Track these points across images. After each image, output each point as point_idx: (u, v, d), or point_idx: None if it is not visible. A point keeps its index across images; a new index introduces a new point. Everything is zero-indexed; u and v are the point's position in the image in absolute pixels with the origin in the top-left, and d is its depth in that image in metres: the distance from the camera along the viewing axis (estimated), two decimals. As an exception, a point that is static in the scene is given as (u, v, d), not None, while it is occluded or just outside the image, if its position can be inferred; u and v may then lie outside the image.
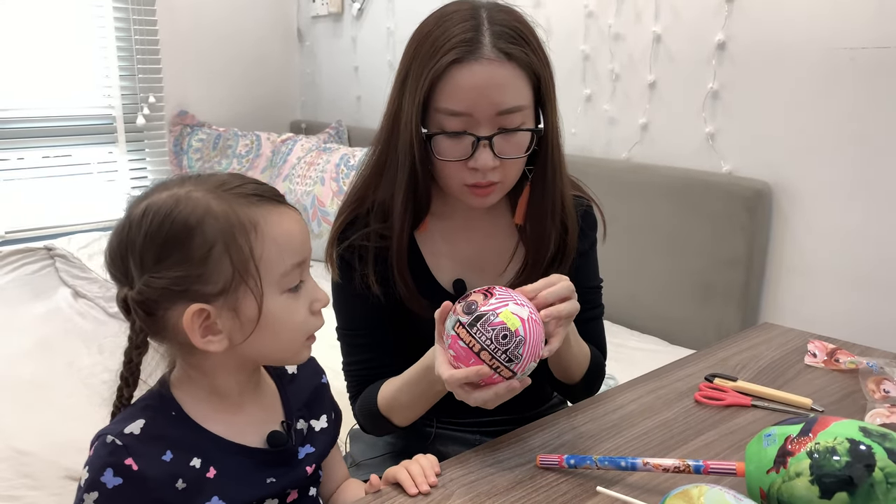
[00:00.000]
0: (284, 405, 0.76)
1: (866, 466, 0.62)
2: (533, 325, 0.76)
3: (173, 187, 0.66)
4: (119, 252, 0.65)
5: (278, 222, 0.67)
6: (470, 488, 0.76)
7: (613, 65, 1.99)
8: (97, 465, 0.63)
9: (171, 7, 2.87)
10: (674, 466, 0.74)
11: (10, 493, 1.22)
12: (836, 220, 1.62)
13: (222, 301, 0.64)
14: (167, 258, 0.63)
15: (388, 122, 0.92)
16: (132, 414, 0.67)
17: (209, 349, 0.65)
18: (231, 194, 0.66)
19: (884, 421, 0.87)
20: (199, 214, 0.64)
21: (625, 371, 1.46)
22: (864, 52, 1.52)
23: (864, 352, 1.13)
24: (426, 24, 0.88)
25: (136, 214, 0.65)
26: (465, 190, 0.90)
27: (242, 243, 0.64)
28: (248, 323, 0.65)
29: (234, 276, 0.64)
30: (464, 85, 0.83)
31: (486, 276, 0.98)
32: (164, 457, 0.65)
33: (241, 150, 2.90)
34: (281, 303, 0.67)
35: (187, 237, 0.63)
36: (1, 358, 1.73)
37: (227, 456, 0.68)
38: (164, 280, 0.63)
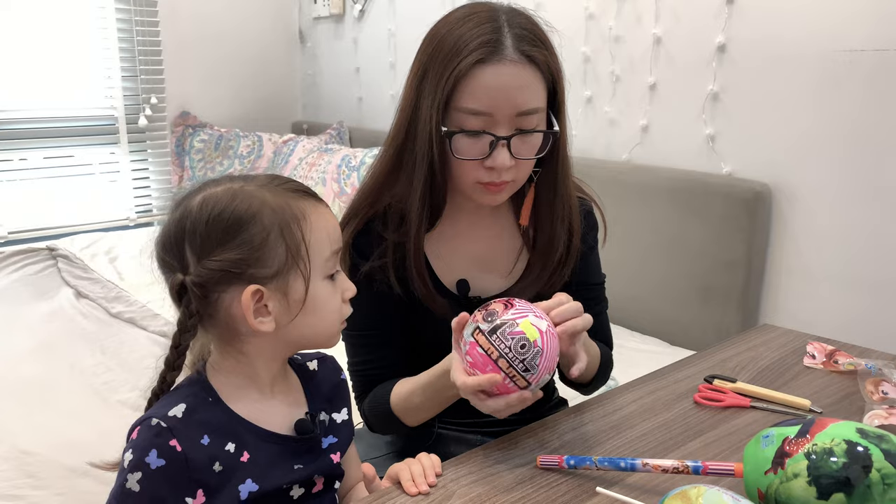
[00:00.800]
0: (308, 398, 0.79)
1: (863, 468, 0.63)
2: (550, 338, 0.78)
3: (225, 183, 0.72)
4: (175, 240, 0.70)
5: (321, 214, 0.73)
6: (470, 488, 0.76)
7: (614, 67, 2.00)
8: (142, 446, 0.66)
9: (173, 8, 2.88)
10: (673, 467, 0.75)
11: (13, 492, 1.23)
12: (835, 222, 1.62)
13: (275, 284, 0.69)
14: (228, 242, 0.68)
15: (403, 121, 0.92)
16: (174, 399, 0.70)
17: (260, 329, 0.69)
18: (281, 189, 0.72)
19: (882, 422, 0.88)
20: (256, 205, 0.69)
21: (625, 372, 1.46)
22: (862, 54, 1.53)
23: (863, 353, 1.13)
24: (444, 25, 0.89)
25: (193, 205, 0.70)
26: (477, 187, 0.91)
27: (295, 230, 0.70)
28: (295, 304, 0.70)
29: (287, 259, 0.69)
30: (487, 85, 0.85)
31: (490, 277, 0.99)
32: (202, 440, 0.68)
33: (243, 151, 2.91)
34: (323, 287, 0.73)
35: (248, 223, 0.68)
36: (4, 358, 1.74)
37: (258, 441, 0.72)
38: (223, 262, 0.67)
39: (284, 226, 0.69)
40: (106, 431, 1.41)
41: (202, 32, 2.98)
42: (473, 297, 0.98)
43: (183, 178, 2.96)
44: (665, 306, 1.90)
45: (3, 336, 1.87)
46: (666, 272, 1.88)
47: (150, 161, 2.98)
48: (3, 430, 1.41)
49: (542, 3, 2.14)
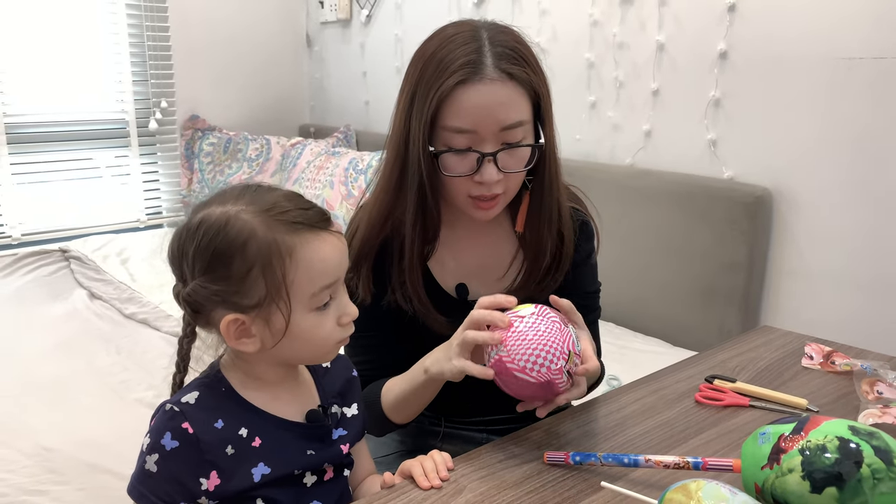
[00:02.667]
0: (319, 392, 0.82)
1: (855, 463, 0.66)
2: (536, 320, 0.84)
3: (228, 202, 0.73)
4: (176, 254, 0.73)
5: (315, 249, 0.73)
6: (480, 483, 0.79)
7: (618, 72, 2.03)
8: (158, 430, 0.71)
9: (183, 13, 2.91)
10: (674, 463, 0.78)
11: (38, 487, 1.27)
12: (835, 226, 1.65)
13: (256, 312, 0.72)
14: (212, 272, 0.71)
15: (398, 143, 0.95)
16: (188, 389, 0.75)
17: (242, 349, 0.73)
18: (276, 221, 0.72)
19: (875, 421, 0.91)
20: (244, 237, 0.71)
21: (628, 372, 1.49)
22: (861, 62, 1.56)
23: (860, 354, 1.16)
24: (429, 47, 0.92)
25: (192, 224, 0.73)
26: (469, 203, 0.94)
27: (277, 268, 0.71)
28: (278, 333, 0.73)
29: (266, 295, 0.71)
30: (469, 104, 0.88)
31: (487, 282, 1.02)
32: (216, 424, 0.72)
33: (252, 154, 2.94)
34: (309, 319, 0.74)
35: (230, 257, 0.70)
36: (25, 357, 1.78)
37: (270, 428, 0.75)
38: (207, 290, 0.71)
39: (266, 263, 0.70)
40: (123, 429, 1.45)
41: (211, 37, 3.02)
42: (472, 300, 1.02)
43: (192, 181, 3.00)
44: (668, 308, 1.93)
45: (21, 336, 1.91)
46: (669, 274, 1.91)
47: (160, 164, 3.02)
48: (26, 428, 1.45)
49: (547, 9, 2.17)
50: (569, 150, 2.15)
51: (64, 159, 2.77)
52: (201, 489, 0.71)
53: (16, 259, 2.47)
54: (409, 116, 0.92)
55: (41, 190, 2.74)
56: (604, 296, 1.14)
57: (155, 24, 2.85)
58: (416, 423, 1.10)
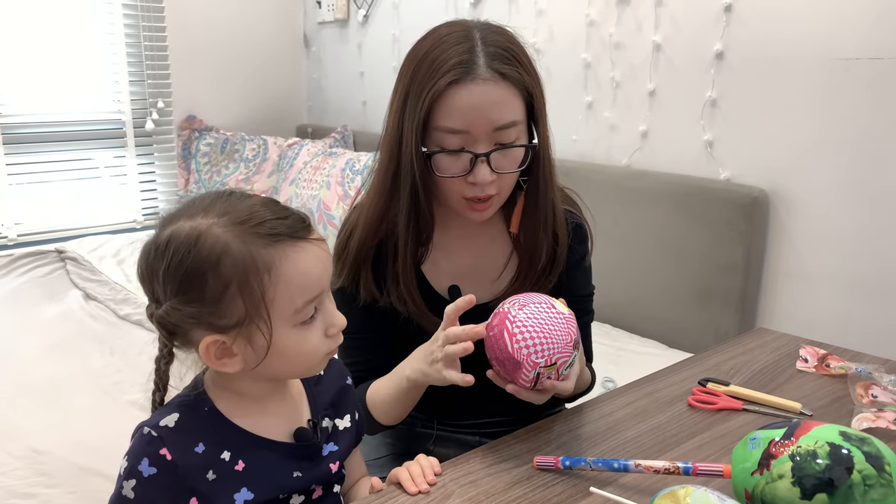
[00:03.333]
0: (311, 404, 0.79)
1: (845, 469, 0.65)
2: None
3: (198, 216, 0.68)
4: (146, 274, 0.69)
5: (295, 262, 0.68)
6: (469, 488, 0.79)
7: (614, 73, 2.02)
8: (135, 455, 0.67)
9: (180, 14, 2.91)
10: (664, 468, 0.77)
11: (28, 490, 1.26)
12: (831, 227, 1.64)
13: (236, 332, 0.67)
14: (184, 293, 0.66)
15: (391, 144, 0.94)
16: (168, 409, 0.71)
17: (225, 370, 0.69)
18: (251, 233, 0.67)
19: (869, 425, 0.90)
20: (217, 254, 0.66)
21: (624, 374, 1.48)
22: (858, 62, 1.55)
23: (855, 357, 1.15)
24: (421, 47, 0.91)
25: (160, 241, 0.68)
26: (463, 204, 0.94)
27: (255, 286, 0.66)
28: (260, 350, 0.69)
29: (246, 315, 0.67)
30: (461, 104, 0.87)
31: (481, 284, 1.02)
32: (196, 448, 0.69)
33: (249, 155, 2.94)
34: (293, 335, 0.69)
35: (203, 276, 0.66)
36: (18, 359, 1.77)
37: (254, 449, 0.72)
38: (181, 312, 0.67)
39: (243, 281, 0.66)
40: (116, 431, 1.43)
41: (208, 37, 3.01)
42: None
43: (189, 182, 3.00)
44: (664, 309, 1.92)
45: (15, 337, 1.90)
46: (665, 276, 1.91)
47: (157, 164, 3.02)
48: (17, 430, 1.44)
49: (543, 10, 2.16)
50: (565, 150, 2.14)
51: (60, 160, 2.77)
52: None
53: (12, 259, 2.47)
54: (402, 117, 0.92)
55: (38, 190, 2.73)
56: (600, 297, 1.13)
57: (151, 25, 2.85)
58: (409, 426, 1.10)
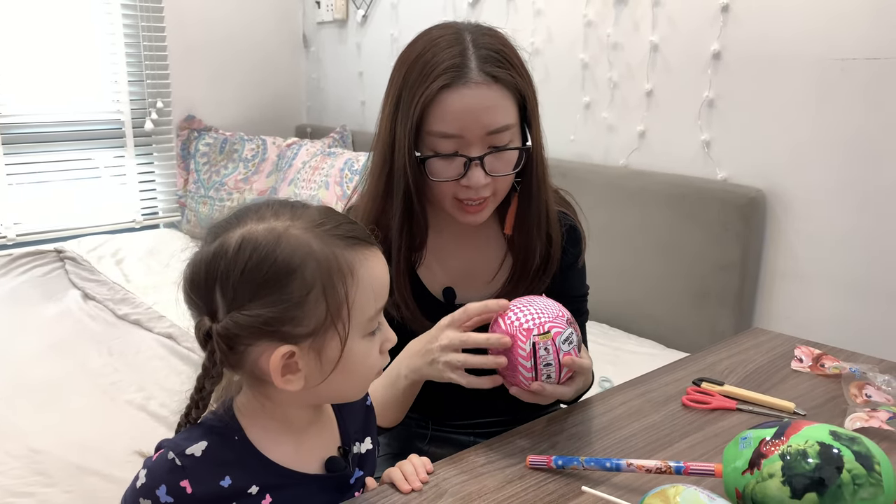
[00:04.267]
0: (341, 430, 0.76)
1: (835, 468, 0.65)
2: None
3: (269, 219, 0.64)
4: (206, 282, 0.63)
5: (371, 267, 0.66)
6: (461, 487, 0.79)
7: (612, 73, 2.02)
8: (155, 477, 0.64)
9: (179, 14, 2.91)
10: (656, 467, 0.77)
11: (24, 489, 1.26)
12: (828, 227, 1.65)
13: (309, 343, 0.64)
14: (263, 297, 0.62)
15: (384, 148, 0.94)
16: (197, 434, 0.66)
17: (287, 388, 0.64)
18: (330, 235, 0.65)
19: (862, 425, 0.90)
20: (300, 256, 0.62)
21: (621, 374, 1.49)
22: (854, 62, 1.55)
23: (850, 357, 1.15)
24: (413, 50, 0.91)
25: (230, 245, 0.63)
26: (457, 207, 0.94)
27: (339, 288, 0.63)
28: (328, 364, 0.65)
29: (325, 319, 0.63)
30: (454, 108, 0.87)
31: (476, 285, 1.02)
32: (222, 482, 0.65)
33: (248, 155, 2.94)
34: (361, 346, 0.67)
35: (287, 278, 0.62)
36: (16, 358, 1.78)
37: (284, 483, 0.68)
38: (255, 319, 0.62)
39: (328, 283, 0.63)
40: (113, 431, 1.45)
41: (207, 37, 3.02)
42: (459, 304, 1.01)
43: (188, 181, 3.00)
44: (661, 309, 1.92)
45: (13, 337, 1.91)
46: (662, 276, 1.91)
47: (156, 164, 3.02)
48: (15, 429, 1.45)
49: (541, 10, 2.17)
50: (563, 150, 2.14)
51: (60, 160, 2.77)
52: None
53: (11, 259, 2.47)
54: (394, 121, 0.92)
55: (37, 190, 2.74)
56: (597, 297, 1.13)
57: (151, 25, 2.85)
58: (404, 426, 1.10)
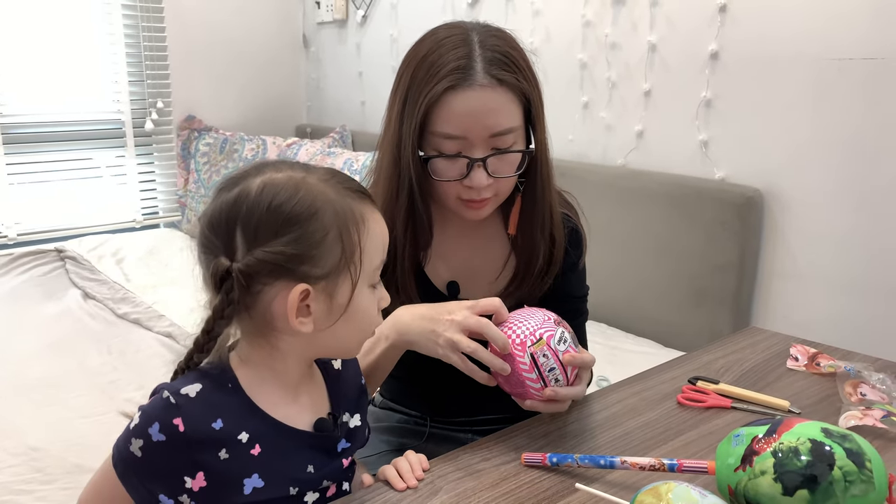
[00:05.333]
0: (331, 398, 0.78)
1: (827, 465, 0.66)
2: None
3: (286, 170, 0.69)
4: (227, 221, 0.66)
5: (378, 220, 0.72)
6: (456, 484, 0.79)
7: (610, 73, 2.03)
8: (148, 416, 0.66)
9: (180, 13, 2.92)
10: (649, 465, 0.78)
11: (22, 487, 1.27)
12: (825, 226, 1.65)
13: (322, 285, 0.67)
14: (285, 234, 0.65)
15: (392, 147, 0.94)
16: (192, 378, 0.68)
17: (300, 329, 0.67)
18: (344, 188, 0.70)
19: (856, 423, 0.91)
20: (321, 201, 0.67)
21: (618, 372, 1.49)
22: (851, 62, 1.55)
23: (846, 356, 1.16)
24: (420, 50, 0.91)
25: (251, 188, 0.66)
26: (460, 204, 0.94)
27: (353, 233, 0.68)
28: (338, 309, 0.69)
29: (340, 261, 0.67)
30: (458, 110, 0.87)
31: (479, 283, 1.03)
32: (214, 423, 0.66)
33: (248, 155, 2.95)
34: (366, 295, 0.71)
35: (308, 218, 0.66)
36: (15, 357, 1.78)
37: (273, 435, 0.70)
38: (277, 255, 0.65)
39: (344, 228, 0.67)
40: (112, 429, 1.44)
41: (208, 37, 3.02)
42: (463, 298, 1.02)
43: (188, 181, 3.01)
44: (659, 308, 1.93)
45: (13, 336, 1.91)
46: (660, 275, 1.91)
47: (157, 164, 3.03)
48: (14, 428, 1.45)
49: (540, 10, 2.17)
50: (561, 150, 2.14)
51: (60, 159, 2.78)
52: (184, 487, 0.66)
53: (11, 259, 2.48)
54: (400, 120, 0.92)
55: (38, 190, 2.74)
56: (595, 296, 1.14)
57: (151, 25, 2.86)
58: (402, 424, 1.11)
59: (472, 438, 1.06)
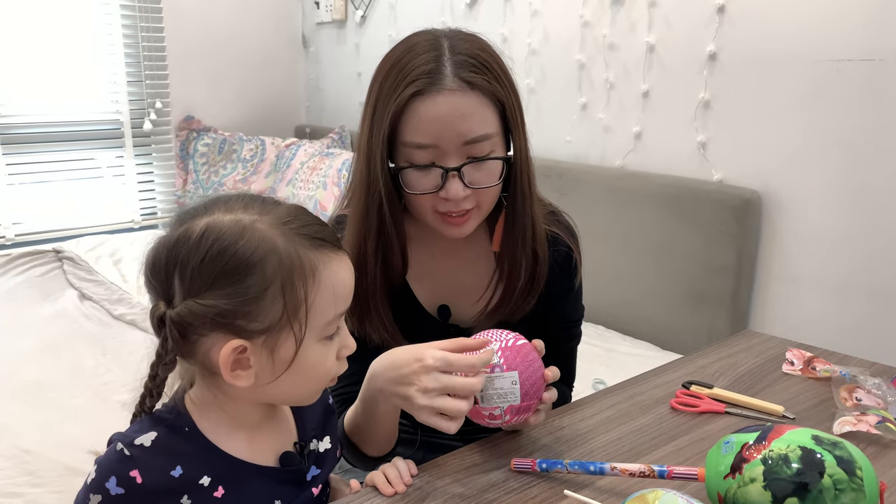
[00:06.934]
0: (298, 426, 0.75)
1: (817, 473, 0.65)
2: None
3: (237, 210, 0.64)
4: (166, 266, 0.63)
5: (335, 271, 0.66)
6: (444, 490, 0.79)
7: (608, 74, 2.02)
8: (104, 471, 0.63)
9: (178, 14, 2.92)
10: (639, 471, 0.77)
11: (13, 489, 1.27)
12: (823, 229, 1.64)
13: (262, 339, 0.63)
14: (220, 288, 0.61)
15: (362, 161, 0.89)
16: (146, 425, 0.66)
17: (236, 384, 0.64)
18: (297, 234, 0.64)
19: (850, 429, 0.90)
20: (263, 250, 0.62)
21: (615, 376, 1.48)
22: (849, 64, 1.54)
23: (842, 360, 1.15)
24: (391, 56, 0.87)
25: (193, 232, 0.62)
26: (438, 219, 0.90)
27: (299, 288, 0.63)
28: (281, 364, 0.65)
29: (282, 317, 0.63)
30: (427, 117, 0.83)
31: (466, 302, 0.99)
32: (173, 472, 0.64)
33: (246, 155, 2.94)
34: (316, 349, 0.66)
35: (246, 271, 0.61)
36: (8, 358, 1.78)
37: (237, 475, 0.68)
38: (209, 309, 0.61)
39: (287, 281, 0.62)
40: (104, 431, 1.44)
41: (207, 38, 3.02)
42: (454, 324, 1.00)
43: (187, 182, 3.01)
44: (656, 311, 1.92)
45: (7, 337, 1.91)
46: (657, 277, 1.90)
47: (155, 164, 3.03)
48: (5, 430, 1.45)
49: (538, 10, 2.16)
50: (559, 151, 2.14)
51: (59, 160, 2.78)
52: None
53: (9, 259, 2.48)
54: (370, 133, 0.87)
55: (36, 190, 2.75)
56: (592, 298, 1.13)
57: (149, 25, 2.86)
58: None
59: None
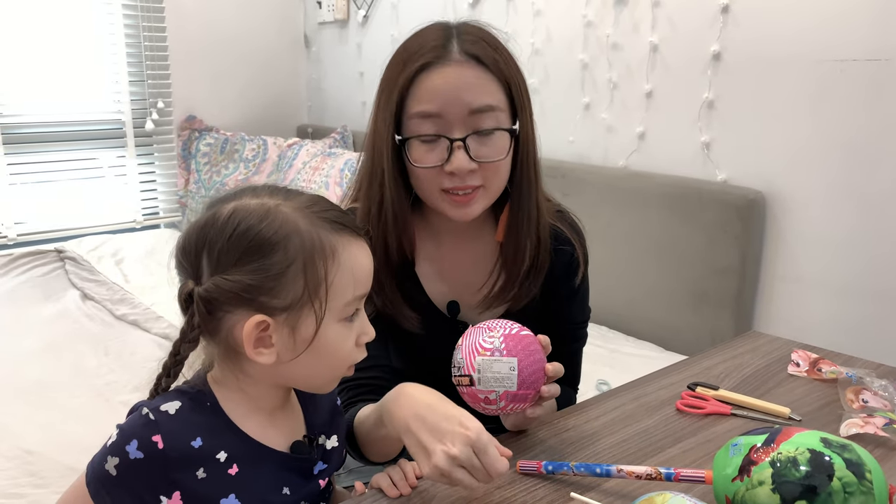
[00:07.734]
0: (306, 420, 0.77)
1: (826, 476, 0.64)
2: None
3: (263, 196, 0.68)
4: (196, 246, 0.66)
5: (354, 254, 0.69)
6: (450, 493, 0.78)
7: (611, 74, 2.01)
8: (126, 433, 0.65)
9: (180, 13, 2.91)
10: (646, 474, 0.76)
11: (15, 490, 1.26)
12: (828, 229, 1.63)
13: (284, 317, 0.66)
14: (245, 264, 0.64)
15: (370, 144, 0.93)
16: (171, 396, 0.68)
17: (258, 360, 0.66)
18: (317, 217, 0.67)
19: (857, 431, 0.89)
20: (286, 230, 0.65)
21: (619, 377, 1.47)
22: (854, 64, 1.54)
23: (848, 361, 1.14)
24: (401, 45, 0.92)
25: (222, 214, 0.66)
26: (445, 200, 0.90)
27: (319, 267, 0.66)
28: (302, 343, 0.67)
29: (303, 295, 0.65)
30: (433, 87, 0.86)
31: (474, 298, 1.00)
32: (193, 442, 0.66)
33: (248, 155, 2.94)
34: (335, 330, 0.68)
35: (270, 249, 0.65)
36: (10, 359, 1.78)
37: (252, 455, 0.69)
38: (235, 284, 0.64)
39: (309, 260, 0.65)
40: (107, 432, 1.44)
41: (209, 37, 3.01)
42: (462, 321, 1.00)
43: (189, 182, 3.00)
44: (660, 311, 1.91)
45: (9, 337, 1.91)
46: (661, 278, 1.90)
47: (157, 164, 3.02)
48: (7, 430, 1.45)
49: (541, 10, 2.16)
50: (563, 151, 2.14)
51: (61, 160, 2.77)
52: None
53: (11, 259, 2.48)
54: (378, 107, 0.91)
55: (38, 190, 2.74)
56: (596, 299, 1.12)
57: (151, 25, 2.85)
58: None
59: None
